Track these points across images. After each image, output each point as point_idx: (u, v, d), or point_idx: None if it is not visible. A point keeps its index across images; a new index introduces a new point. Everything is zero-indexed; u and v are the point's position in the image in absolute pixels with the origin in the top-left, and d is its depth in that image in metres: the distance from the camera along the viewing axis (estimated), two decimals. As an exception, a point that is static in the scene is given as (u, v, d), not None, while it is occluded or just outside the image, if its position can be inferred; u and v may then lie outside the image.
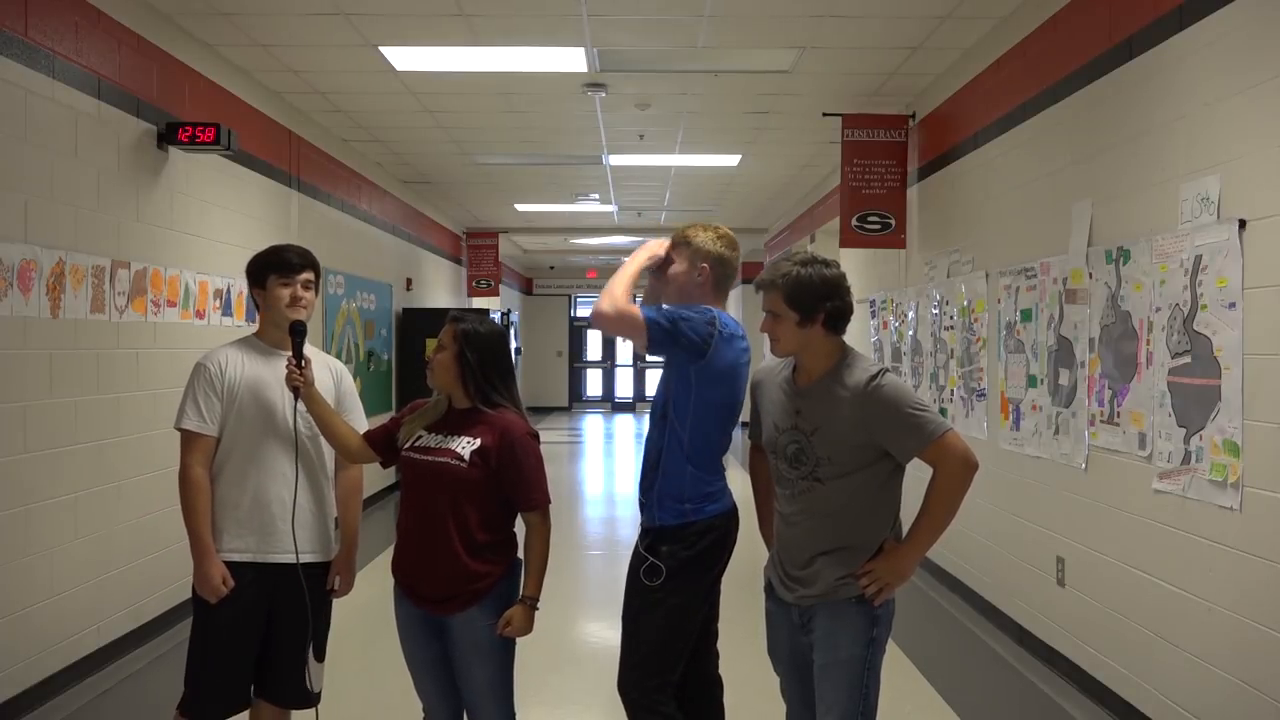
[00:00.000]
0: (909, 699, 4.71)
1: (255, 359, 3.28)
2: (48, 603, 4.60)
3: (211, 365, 3.23)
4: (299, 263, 3.30)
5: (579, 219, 14.81)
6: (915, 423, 2.71)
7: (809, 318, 2.78)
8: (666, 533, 3.08)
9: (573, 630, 5.80)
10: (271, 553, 3.21)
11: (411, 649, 3.18)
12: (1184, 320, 3.86)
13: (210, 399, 3.19)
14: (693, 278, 3.19)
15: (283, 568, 3.22)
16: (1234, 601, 3.60)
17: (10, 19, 4.36)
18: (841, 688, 2.76)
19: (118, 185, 5.22)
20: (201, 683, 3.20)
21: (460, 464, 2.99)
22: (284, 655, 3.29)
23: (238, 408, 3.20)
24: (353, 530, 3.47)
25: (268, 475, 3.21)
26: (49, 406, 4.60)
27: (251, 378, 3.23)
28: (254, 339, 3.36)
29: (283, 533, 3.20)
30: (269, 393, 3.23)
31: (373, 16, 5.80)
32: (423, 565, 3.06)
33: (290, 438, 3.23)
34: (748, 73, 6.95)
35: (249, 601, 3.19)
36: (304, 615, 3.25)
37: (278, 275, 3.28)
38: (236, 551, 3.19)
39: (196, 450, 3.19)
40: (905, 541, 2.80)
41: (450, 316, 3.14)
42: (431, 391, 3.17)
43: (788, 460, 2.85)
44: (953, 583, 6.62)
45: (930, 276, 7.08)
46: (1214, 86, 3.75)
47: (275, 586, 3.23)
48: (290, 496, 3.21)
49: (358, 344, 9.59)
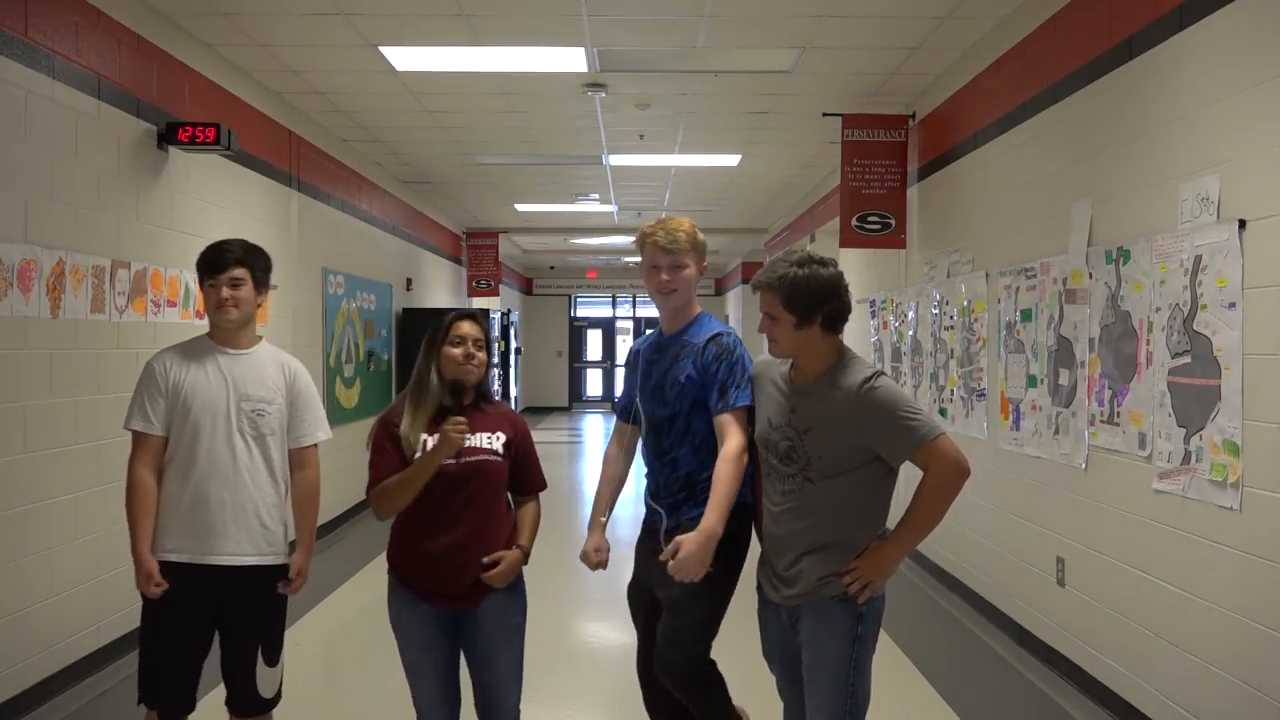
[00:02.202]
0: (909, 699, 4.71)
1: (202, 358, 3.23)
2: (47, 603, 4.60)
3: (157, 365, 3.21)
4: (225, 260, 3.21)
5: (579, 219, 14.81)
6: (907, 426, 2.70)
7: (806, 320, 2.78)
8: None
9: (573, 630, 5.80)
10: (209, 554, 3.16)
11: (420, 655, 3.13)
12: (1184, 320, 3.86)
13: (155, 399, 3.16)
14: (695, 278, 3.26)
15: (227, 570, 3.17)
16: (1234, 601, 3.60)
17: (10, 19, 4.36)
18: (828, 688, 2.77)
19: (118, 185, 5.23)
20: (149, 680, 3.19)
21: (499, 459, 3.09)
22: (233, 661, 3.25)
23: (181, 408, 3.17)
24: (308, 532, 3.36)
25: (208, 476, 3.16)
26: (49, 406, 4.60)
27: (196, 378, 3.19)
28: (204, 338, 3.31)
29: (221, 534, 3.16)
30: (212, 393, 3.19)
31: (373, 16, 5.80)
32: (464, 564, 3.05)
33: (233, 438, 3.18)
34: (748, 73, 6.96)
35: (188, 603, 3.15)
36: (251, 620, 3.21)
37: (206, 275, 3.23)
38: (174, 552, 3.15)
39: (142, 450, 3.17)
40: (890, 540, 2.80)
41: (468, 314, 3.15)
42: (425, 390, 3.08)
43: (779, 457, 2.85)
44: (953, 583, 6.62)
45: (930, 276, 7.08)
46: (1213, 86, 3.75)
47: (223, 589, 3.18)
48: (230, 497, 3.17)
49: (358, 344, 9.59)
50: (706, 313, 3.32)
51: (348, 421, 9.20)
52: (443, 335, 3.09)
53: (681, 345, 3.22)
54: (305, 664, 5.42)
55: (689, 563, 2.85)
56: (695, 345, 3.18)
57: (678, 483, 3.18)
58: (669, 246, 3.18)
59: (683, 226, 3.21)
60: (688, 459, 3.17)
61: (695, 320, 3.26)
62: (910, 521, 2.77)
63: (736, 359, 3.12)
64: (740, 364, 3.11)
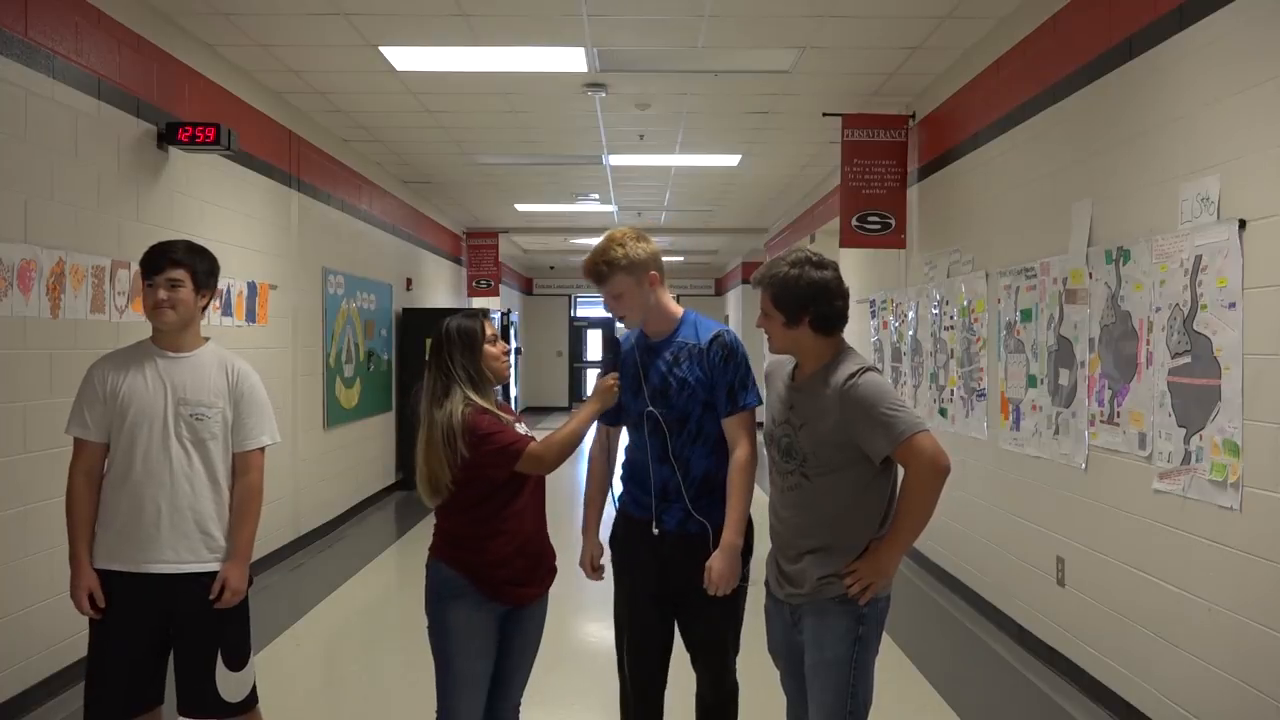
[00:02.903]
0: (909, 699, 4.71)
1: (141, 363, 3.18)
2: (47, 603, 4.59)
3: (96, 372, 3.15)
4: (162, 261, 3.14)
5: (579, 219, 14.80)
6: (886, 422, 2.69)
7: (794, 320, 2.79)
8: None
9: (572, 630, 5.80)
10: (147, 563, 3.10)
11: (482, 662, 3.07)
12: (1184, 320, 3.86)
13: (93, 405, 3.11)
14: (644, 291, 3.18)
15: (168, 578, 3.11)
16: (1234, 601, 3.60)
17: (10, 19, 4.36)
18: (829, 688, 2.77)
19: (118, 185, 5.23)
20: (91, 695, 3.12)
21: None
22: (186, 667, 3.19)
23: (118, 414, 3.11)
24: (243, 541, 3.23)
25: (144, 483, 3.10)
26: (49, 406, 4.60)
27: (133, 383, 3.13)
28: (146, 343, 3.25)
29: (159, 543, 3.10)
30: (148, 398, 3.13)
31: (373, 16, 5.80)
32: (542, 550, 3.18)
33: (169, 444, 3.12)
34: (748, 73, 6.95)
35: (128, 612, 3.09)
36: (200, 626, 3.15)
37: (143, 276, 3.17)
38: (108, 561, 3.10)
39: (79, 458, 3.12)
40: (884, 541, 2.80)
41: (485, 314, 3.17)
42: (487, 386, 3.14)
43: (781, 453, 2.88)
44: (953, 583, 6.62)
45: (930, 276, 7.08)
46: (1213, 86, 3.75)
47: (165, 598, 3.12)
48: (167, 504, 3.11)
49: (358, 344, 9.59)
50: (690, 311, 3.31)
51: (348, 421, 9.21)
52: (481, 335, 3.10)
53: (678, 347, 3.19)
54: (305, 664, 5.43)
55: (725, 578, 3.04)
56: (695, 346, 3.17)
57: (694, 485, 3.15)
58: (596, 281, 3.18)
59: (610, 254, 3.15)
60: (702, 460, 3.16)
61: (683, 321, 3.25)
62: (898, 521, 2.78)
63: (741, 358, 3.15)
64: (746, 362, 3.15)
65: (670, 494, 3.18)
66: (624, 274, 3.14)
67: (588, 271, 3.21)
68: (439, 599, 3.06)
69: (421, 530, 8.68)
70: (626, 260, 3.14)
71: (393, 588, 7.20)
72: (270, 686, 3.34)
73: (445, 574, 3.06)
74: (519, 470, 3.04)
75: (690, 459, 3.16)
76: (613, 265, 3.14)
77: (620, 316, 3.22)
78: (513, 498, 3.07)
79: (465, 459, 2.96)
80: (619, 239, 3.18)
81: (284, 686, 3.46)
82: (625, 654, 3.29)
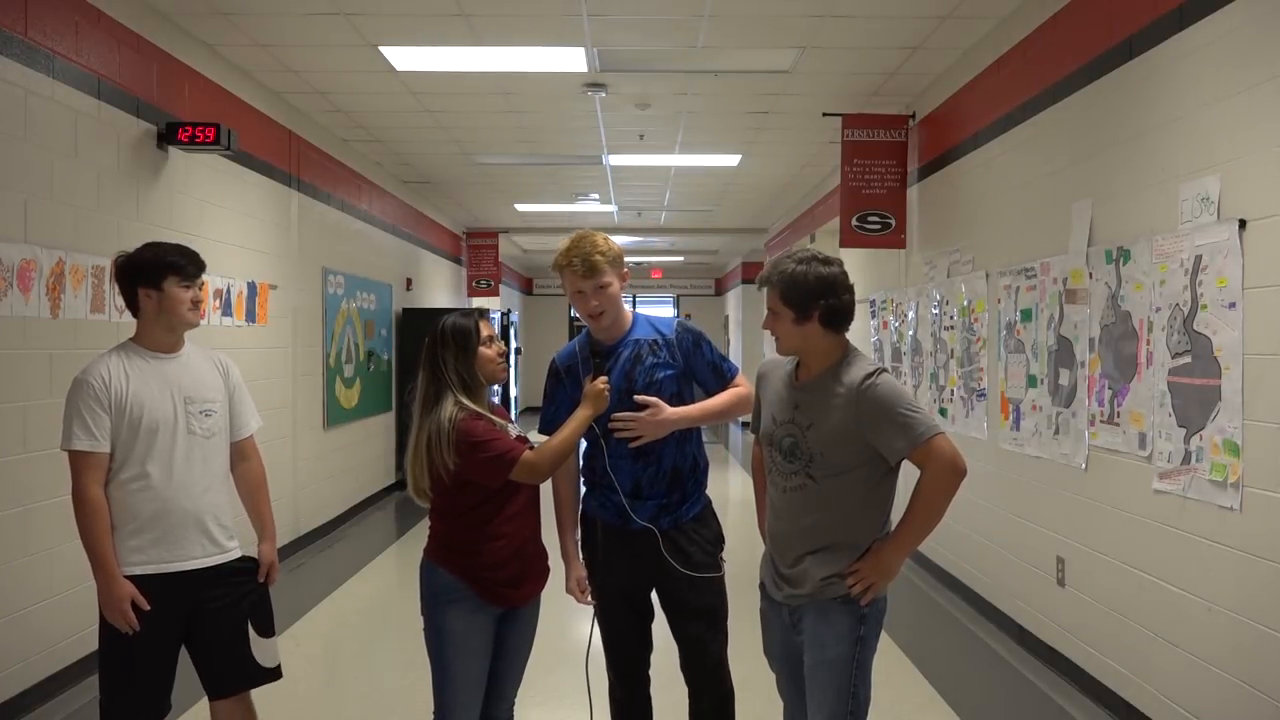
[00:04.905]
0: (909, 699, 4.71)
1: (140, 366, 3.16)
2: (47, 603, 4.60)
3: (94, 380, 3.09)
4: (201, 266, 3.25)
5: (579, 219, 14.79)
6: (905, 423, 2.70)
7: (804, 315, 2.79)
8: (707, 514, 3.29)
9: (571, 630, 5.79)
10: (176, 561, 3.12)
11: (479, 664, 3.06)
12: (1184, 320, 3.86)
13: (98, 415, 3.07)
14: (619, 287, 3.25)
15: (195, 574, 3.15)
16: (1234, 601, 3.60)
17: (10, 19, 4.36)
18: (829, 688, 2.77)
19: (118, 185, 5.23)
20: (116, 705, 3.11)
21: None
22: (218, 647, 3.22)
23: (129, 419, 3.09)
24: (269, 522, 3.43)
25: (165, 483, 3.11)
26: (49, 406, 4.59)
27: (138, 388, 3.12)
28: (134, 345, 3.21)
29: (187, 540, 3.13)
30: (159, 400, 3.13)
31: (373, 16, 5.81)
32: (537, 551, 3.16)
33: (185, 442, 3.15)
34: (748, 73, 6.95)
35: (158, 613, 3.09)
36: (225, 607, 3.20)
37: (179, 278, 3.18)
38: (140, 565, 3.09)
39: (90, 469, 3.07)
40: (889, 541, 2.80)
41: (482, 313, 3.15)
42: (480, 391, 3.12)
43: (783, 453, 2.87)
44: (953, 583, 6.62)
45: (930, 276, 7.08)
46: (1213, 86, 3.75)
47: (188, 593, 3.14)
48: (190, 502, 3.14)
49: (358, 344, 9.59)
50: (638, 312, 3.38)
51: (347, 421, 9.21)
52: (476, 336, 3.08)
53: (634, 345, 3.25)
54: (305, 664, 5.43)
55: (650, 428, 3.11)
56: (655, 340, 3.25)
57: (663, 479, 3.20)
58: (587, 273, 3.16)
59: (598, 248, 3.17)
60: (671, 454, 3.21)
61: (635, 321, 3.32)
62: (908, 522, 2.77)
63: (707, 338, 3.35)
64: (710, 340, 3.35)
65: (643, 490, 3.21)
66: (611, 267, 3.20)
67: (582, 262, 3.17)
68: (435, 603, 3.05)
69: (421, 530, 8.66)
70: (612, 254, 3.20)
71: (392, 588, 7.19)
72: (270, 686, 3.34)
73: (441, 578, 3.04)
74: (513, 479, 3.02)
75: (662, 454, 3.20)
76: (603, 257, 3.18)
77: (599, 313, 3.22)
78: (508, 502, 3.06)
79: (455, 466, 2.95)
80: (592, 236, 3.23)
81: (284, 686, 3.46)
82: (607, 651, 3.34)
